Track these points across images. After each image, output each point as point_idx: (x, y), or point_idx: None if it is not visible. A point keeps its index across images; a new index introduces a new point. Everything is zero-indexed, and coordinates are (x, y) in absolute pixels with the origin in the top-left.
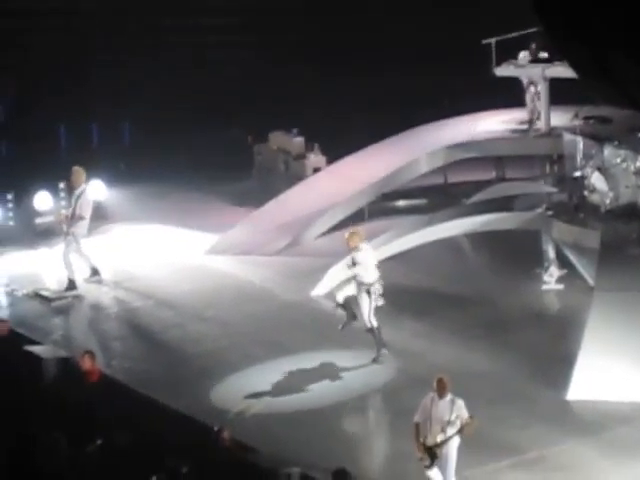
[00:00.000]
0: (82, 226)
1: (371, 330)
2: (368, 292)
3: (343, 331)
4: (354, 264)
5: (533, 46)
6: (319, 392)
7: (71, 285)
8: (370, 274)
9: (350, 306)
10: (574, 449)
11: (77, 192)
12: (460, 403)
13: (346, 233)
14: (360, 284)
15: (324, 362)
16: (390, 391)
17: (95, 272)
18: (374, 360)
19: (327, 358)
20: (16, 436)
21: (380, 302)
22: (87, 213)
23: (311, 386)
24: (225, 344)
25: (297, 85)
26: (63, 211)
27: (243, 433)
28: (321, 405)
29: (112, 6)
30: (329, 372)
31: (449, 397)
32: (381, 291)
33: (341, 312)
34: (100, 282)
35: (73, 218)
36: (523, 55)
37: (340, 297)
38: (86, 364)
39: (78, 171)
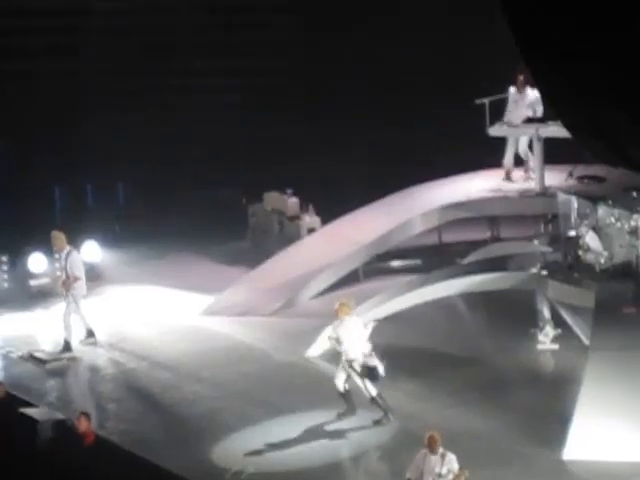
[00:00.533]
0: (79, 287)
1: (373, 400)
2: (351, 367)
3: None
4: (338, 341)
5: (521, 78)
6: (314, 452)
7: (67, 347)
8: (354, 349)
9: (350, 398)
10: None
11: (63, 255)
12: (451, 457)
13: (336, 303)
14: (345, 361)
15: (318, 422)
16: (385, 451)
17: (90, 334)
18: (376, 422)
19: (321, 418)
20: None
21: (380, 368)
22: (80, 272)
23: (306, 446)
24: (221, 405)
25: (292, 146)
26: (58, 273)
27: None
28: (315, 465)
29: (98, 67)
30: (324, 432)
31: (440, 451)
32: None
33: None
34: (95, 344)
35: (68, 280)
36: (513, 91)
37: (339, 385)
38: (82, 425)
39: (56, 236)
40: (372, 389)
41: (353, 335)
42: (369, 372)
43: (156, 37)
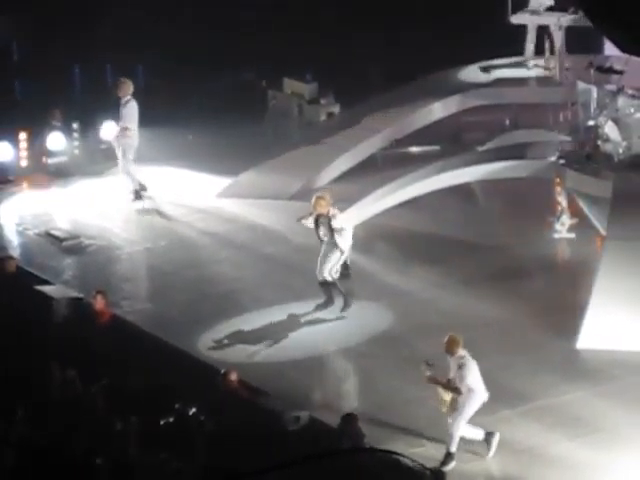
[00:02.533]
0: (129, 136)
1: (325, 283)
2: (341, 252)
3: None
4: (331, 230)
5: None
6: (327, 337)
7: (137, 195)
8: (345, 240)
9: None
10: (584, 398)
11: (122, 102)
12: (463, 373)
13: (313, 197)
14: (334, 245)
15: (333, 307)
16: (398, 337)
17: (138, 193)
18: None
19: (336, 303)
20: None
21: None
22: (131, 124)
23: (319, 331)
24: (237, 286)
25: (313, 32)
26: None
27: (252, 376)
28: (329, 350)
29: None
30: (337, 317)
31: (458, 355)
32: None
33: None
34: (143, 201)
35: (119, 130)
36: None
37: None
38: (98, 304)
39: (124, 82)
40: (335, 275)
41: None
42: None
43: None
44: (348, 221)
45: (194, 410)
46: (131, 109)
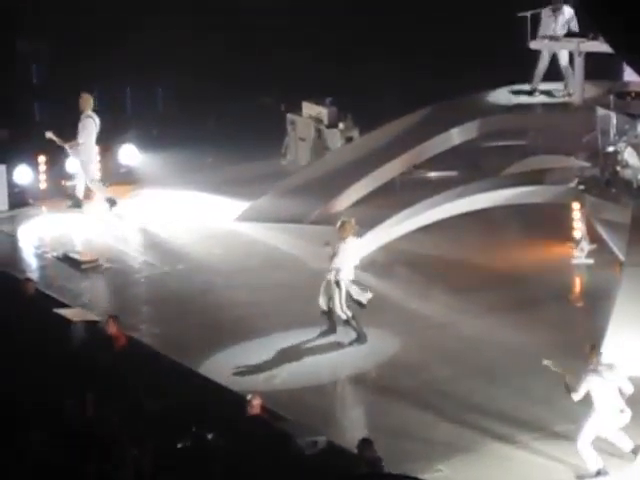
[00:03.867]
0: (82, 152)
1: (347, 322)
2: (338, 284)
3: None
4: (335, 254)
5: None
6: (344, 362)
7: (77, 203)
8: (346, 270)
9: (332, 316)
10: None
11: (81, 117)
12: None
13: (338, 222)
14: (334, 279)
15: (348, 333)
16: (416, 362)
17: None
18: (351, 342)
19: (340, 330)
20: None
21: (368, 295)
22: (83, 139)
23: (336, 356)
24: (253, 311)
25: (331, 56)
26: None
27: (270, 401)
28: (346, 375)
29: None
30: (353, 342)
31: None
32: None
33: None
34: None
35: (72, 142)
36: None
37: (323, 303)
38: (111, 329)
39: (83, 97)
40: (348, 311)
41: (351, 257)
42: (358, 303)
43: None
44: (356, 252)
45: (211, 436)
46: (87, 125)
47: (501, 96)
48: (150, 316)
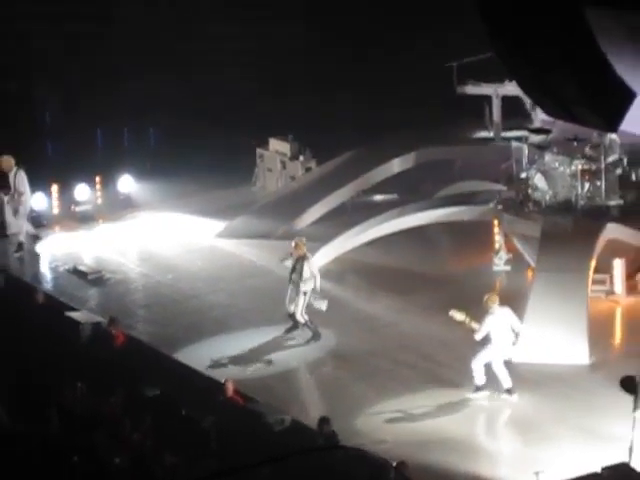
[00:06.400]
0: (24, 200)
1: (305, 324)
2: (304, 294)
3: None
4: (300, 274)
5: None
6: (304, 353)
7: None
8: (307, 284)
9: (295, 318)
10: (517, 403)
11: (11, 175)
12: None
13: (293, 242)
14: (298, 288)
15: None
16: (364, 353)
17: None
18: (307, 340)
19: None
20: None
21: (325, 303)
22: (23, 188)
23: (297, 348)
24: (231, 312)
25: (295, 96)
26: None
27: (243, 386)
28: (307, 363)
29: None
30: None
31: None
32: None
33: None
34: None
35: (17, 194)
36: None
37: (288, 307)
38: (112, 328)
39: (4, 159)
40: (305, 315)
41: (311, 271)
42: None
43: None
44: (315, 268)
45: (196, 414)
46: (22, 179)
47: (435, 130)
48: (145, 317)
